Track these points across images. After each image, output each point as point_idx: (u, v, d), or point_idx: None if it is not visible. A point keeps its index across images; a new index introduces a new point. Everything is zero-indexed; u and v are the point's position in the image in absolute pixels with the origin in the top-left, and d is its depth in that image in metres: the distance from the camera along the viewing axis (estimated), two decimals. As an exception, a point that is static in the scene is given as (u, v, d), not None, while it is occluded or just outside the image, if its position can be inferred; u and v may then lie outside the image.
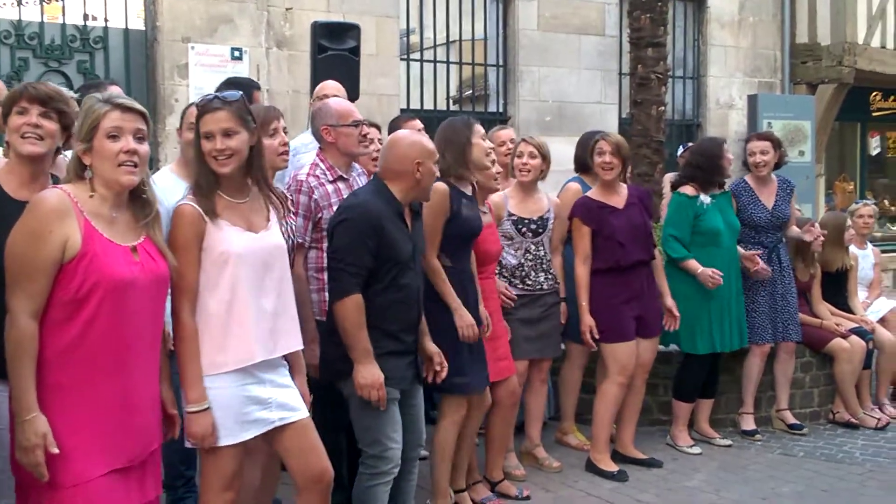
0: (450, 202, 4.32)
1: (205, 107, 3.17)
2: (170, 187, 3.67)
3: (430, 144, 3.94)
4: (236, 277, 3.09)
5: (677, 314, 5.43)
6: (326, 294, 3.97)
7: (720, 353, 5.88)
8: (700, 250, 5.68)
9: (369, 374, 3.62)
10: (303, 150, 4.89)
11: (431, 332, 4.03)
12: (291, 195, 4.09)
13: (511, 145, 5.59)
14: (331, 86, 5.57)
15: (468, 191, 4.50)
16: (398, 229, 3.74)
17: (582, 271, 5.26)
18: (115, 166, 2.73)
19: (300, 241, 4.14)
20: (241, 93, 3.27)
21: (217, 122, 3.12)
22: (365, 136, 4.54)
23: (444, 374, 3.99)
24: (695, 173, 5.86)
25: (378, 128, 5.25)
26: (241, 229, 3.15)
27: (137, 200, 2.86)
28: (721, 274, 5.58)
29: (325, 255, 4.03)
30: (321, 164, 4.36)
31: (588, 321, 5.20)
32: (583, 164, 5.85)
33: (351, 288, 3.60)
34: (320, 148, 4.44)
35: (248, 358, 3.11)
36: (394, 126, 5.75)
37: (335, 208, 3.99)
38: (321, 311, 4.12)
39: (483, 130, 4.56)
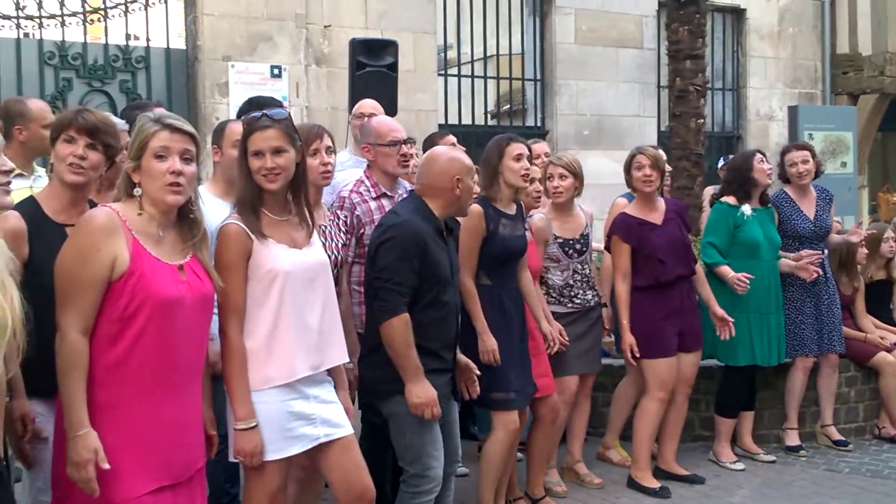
0: (486, 222, 4.33)
1: (253, 125, 3.19)
2: (208, 206, 3.69)
3: (468, 160, 3.93)
4: (283, 294, 3.12)
5: (730, 319, 5.35)
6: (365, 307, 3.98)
7: (759, 367, 5.82)
8: (739, 262, 5.62)
9: (423, 392, 3.59)
10: (339, 169, 4.86)
11: (473, 347, 4.01)
12: (335, 212, 4.12)
13: (545, 159, 5.58)
14: (368, 104, 5.60)
15: (511, 210, 4.50)
16: (439, 247, 3.73)
17: (622, 289, 5.22)
18: (161, 186, 2.77)
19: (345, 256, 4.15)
20: (288, 111, 3.31)
21: (266, 141, 3.15)
22: (405, 155, 4.54)
23: (478, 388, 3.98)
24: (730, 189, 5.86)
25: (413, 141, 5.24)
26: (286, 247, 3.18)
27: (185, 220, 2.89)
28: (751, 278, 5.51)
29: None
30: (366, 181, 4.42)
31: (629, 339, 5.18)
32: None
33: (398, 307, 3.57)
34: (368, 165, 4.49)
35: (293, 373, 3.12)
36: (429, 143, 5.75)
37: (377, 224, 4.01)
38: (361, 323, 4.13)
39: (521, 150, 4.48)
